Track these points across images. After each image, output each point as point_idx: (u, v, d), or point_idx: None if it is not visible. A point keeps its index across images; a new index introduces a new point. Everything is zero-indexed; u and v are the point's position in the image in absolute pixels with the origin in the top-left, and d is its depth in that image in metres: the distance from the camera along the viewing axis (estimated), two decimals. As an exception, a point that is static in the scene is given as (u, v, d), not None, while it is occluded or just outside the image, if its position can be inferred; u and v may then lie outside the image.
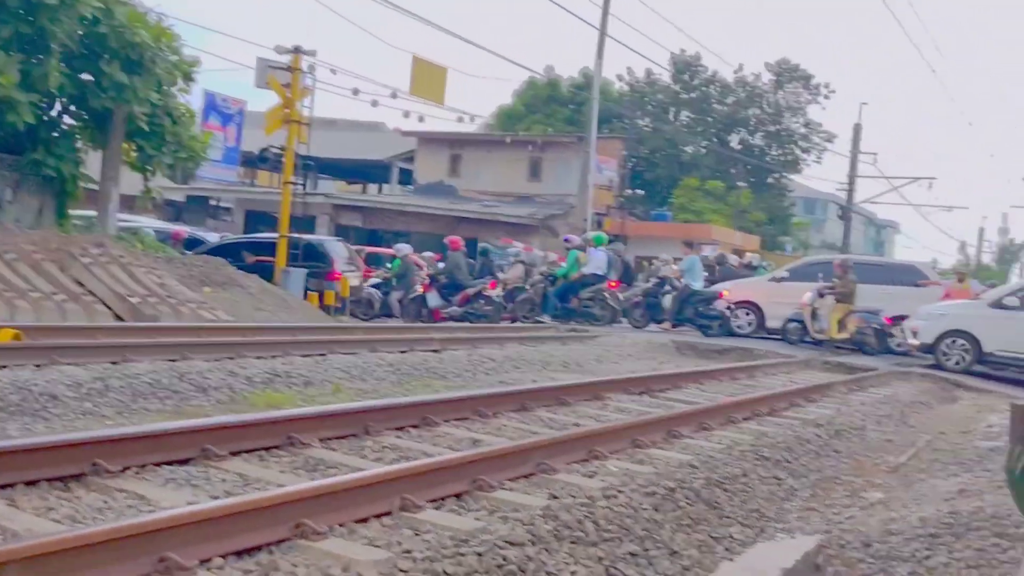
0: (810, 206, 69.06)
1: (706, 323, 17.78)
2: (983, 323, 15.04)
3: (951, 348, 15.11)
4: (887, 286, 17.51)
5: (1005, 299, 15.23)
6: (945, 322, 15.28)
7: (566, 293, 18.09)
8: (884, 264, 19.09)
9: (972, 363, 14.95)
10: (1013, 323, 14.70)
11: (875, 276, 17.98)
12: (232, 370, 8.10)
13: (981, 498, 5.33)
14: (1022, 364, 15.07)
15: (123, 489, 4.37)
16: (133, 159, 16.76)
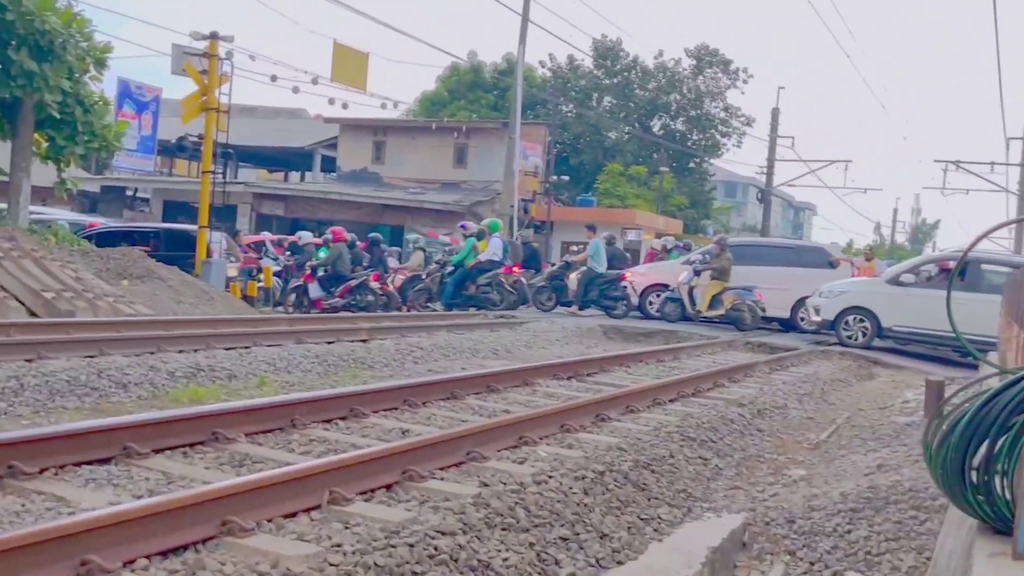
0: (731, 190, 70.36)
1: (611, 304, 18.15)
2: (881, 300, 15.61)
3: (852, 324, 15.66)
4: (796, 268, 17.97)
5: (902, 276, 15.82)
6: (845, 299, 15.80)
7: (463, 280, 18.11)
8: (794, 246, 19.59)
9: (872, 338, 15.57)
10: (909, 299, 15.28)
11: (785, 258, 18.44)
12: (153, 365, 7.93)
13: (899, 472, 5.50)
14: (919, 338, 15.67)
15: (41, 491, 4.24)
16: (44, 150, 16.23)
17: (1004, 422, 2.80)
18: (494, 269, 18.04)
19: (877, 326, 15.56)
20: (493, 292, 17.89)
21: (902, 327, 15.50)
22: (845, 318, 15.71)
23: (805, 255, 18.63)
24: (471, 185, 33.85)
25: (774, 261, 18.11)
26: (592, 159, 43.82)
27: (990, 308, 13.86)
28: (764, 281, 17.56)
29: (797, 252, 18.86)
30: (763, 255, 18.64)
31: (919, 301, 15.17)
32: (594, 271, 18.17)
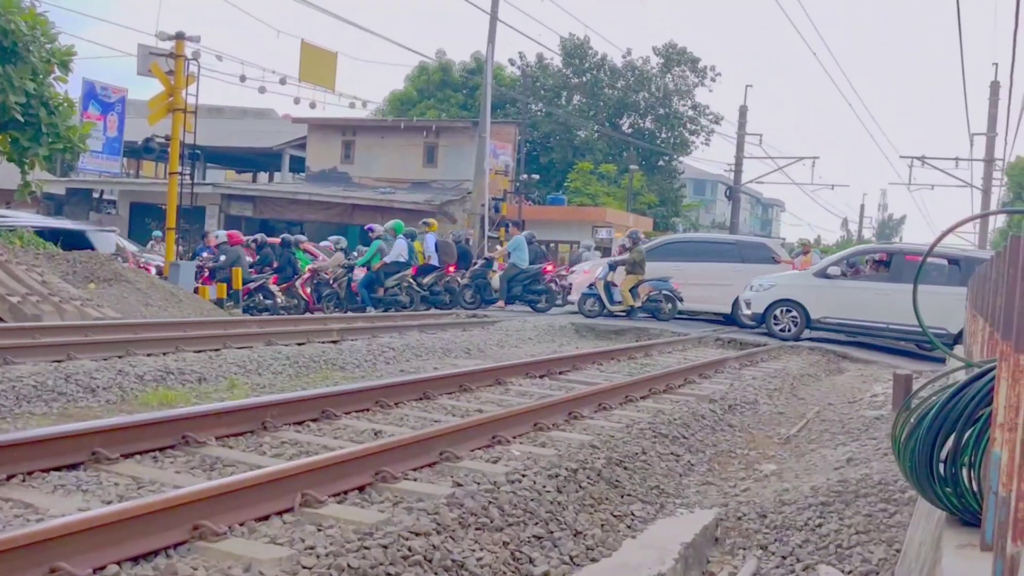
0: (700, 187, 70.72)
1: (534, 298, 18.38)
2: (809, 292, 15.98)
3: (781, 316, 16.08)
4: (738, 263, 18.16)
5: (828, 269, 16.22)
6: (774, 293, 16.20)
7: (372, 283, 18.10)
8: (735, 242, 19.74)
9: (801, 330, 15.97)
10: (835, 291, 15.77)
11: (727, 254, 18.62)
12: (122, 369, 7.85)
13: (868, 466, 5.56)
14: (846, 329, 16.14)
15: (8, 498, 4.19)
16: (8, 151, 16.00)
17: (971, 415, 2.84)
18: (401, 271, 17.99)
19: (806, 318, 15.94)
20: (402, 294, 17.88)
21: (830, 318, 15.90)
22: (775, 311, 16.10)
23: (747, 251, 18.84)
24: (441, 184, 33.79)
25: (716, 257, 18.34)
26: (562, 158, 43.89)
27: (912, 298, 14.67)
28: (706, 277, 17.88)
29: (739, 248, 19.06)
30: (705, 251, 18.83)
31: (846, 292, 15.78)
32: (516, 267, 18.31)
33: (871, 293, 15.60)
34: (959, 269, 15.36)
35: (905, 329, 15.34)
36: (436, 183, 34.04)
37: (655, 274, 17.73)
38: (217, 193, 32.49)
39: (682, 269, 18.03)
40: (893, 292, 15.18)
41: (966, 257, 15.94)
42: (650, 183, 44.51)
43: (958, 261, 15.68)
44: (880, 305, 15.35)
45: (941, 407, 2.90)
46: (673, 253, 18.55)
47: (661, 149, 45.63)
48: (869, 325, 15.70)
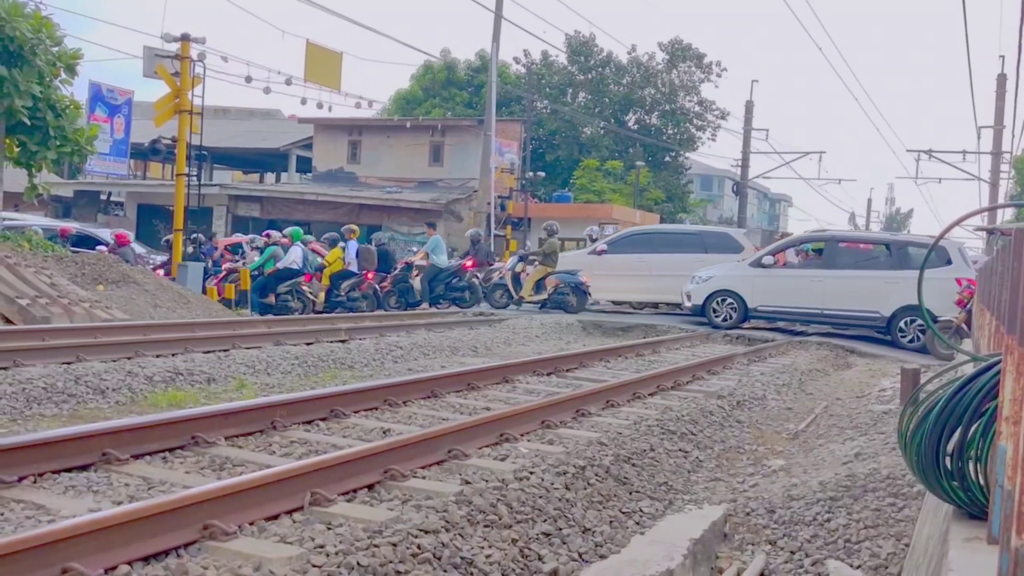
0: (707, 183, 70.65)
1: (458, 295, 18.49)
2: (745, 282, 16.39)
3: (720, 306, 16.44)
4: (702, 254, 18.26)
5: (763, 259, 16.62)
6: (712, 284, 16.59)
7: (264, 288, 17.98)
8: (699, 232, 19.81)
9: (740, 319, 16.37)
10: (771, 280, 16.25)
11: (691, 245, 18.73)
12: (131, 370, 7.88)
13: (876, 460, 5.55)
14: (782, 316, 16.63)
15: (20, 500, 4.22)
16: (16, 155, 16.07)
17: (977, 408, 2.84)
18: (293, 277, 17.78)
19: (744, 307, 16.31)
20: (293, 300, 17.70)
21: (766, 307, 16.33)
22: (713, 301, 16.46)
23: (711, 240, 18.93)
24: (447, 183, 33.80)
25: (680, 248, 18.49)
26: (568, 155, 43.86)
27: (846, 284, 15.76)
28: (671, 268, 17.98)
29: (703, 238, 19.17)
30: (670, 242, 18.93)
31: (780, 281, 16.26)
32: (437, 267, 18.36)
33: (805, 280, 16.06)
34: (891, 254, 15.94)
35: (839, 314, 15.87)
36: (442, 182, 34.06)
37: (621, 268, 17.97)
38: (224, 194, 32.58)
39: (646, 261, 18.21)
40: (826, 278, 15.82)
41: (896, 241, 16.52)
42: (657, 179, 44.46)
43: (890, 246, 16.26)
44: (814, 291, 15.84)
45: (947, 401, 2.91)
46: (637, 245, 18.70)
47: (667, 145, 45.57)
48: (804, 311, 16.15)
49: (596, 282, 18.20)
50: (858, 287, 15.63)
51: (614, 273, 18.16)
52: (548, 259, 17.61)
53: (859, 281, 15.72)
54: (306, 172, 38.68)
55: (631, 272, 18.19)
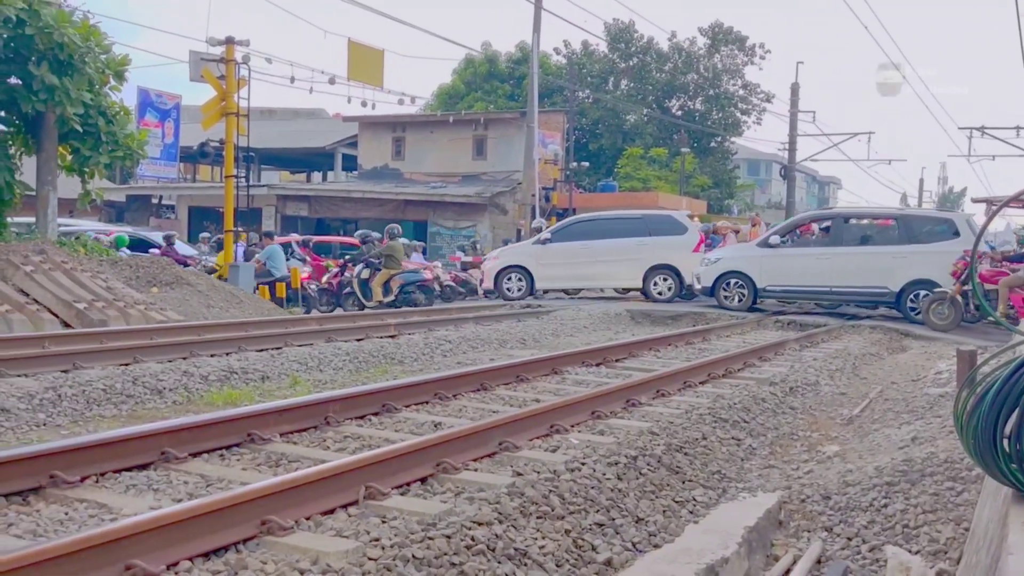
0: (754, 167, 69.83)
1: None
2: (754, 262, 16.49)
3: (730, 288, 16.54)
4: (646, 237, 18.24)
5: (770, 239, 16.69)
6: (721, 266, 16.71)
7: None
8: (642, 216, 19.68)
9: (750, 300, 16.44)
10: (778, 259, 16.28)
11: (634, 229, 18.60)
12: (187, 370, 8.02)
13: (934, 444, 5.47)
14: (791, 295, 16.70)
15: (83, 499, 4.32)
16: (69, 162, 16.42)
17: (1035, 389, 2.79)
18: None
19: (753, 288, 16.39)
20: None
21: (775, 286, 16.37)
22: (723, 283, 16.55)
23: (654, 224, 18.83)
24: (491, 176, 33.85)
25: (624, 233, 18.45)
26: (611, 143, 43.65)
27: (854, 260, 15.80)
28: (614, 254, 18.05)
29: (646, 222, 19.03)
30: (612, 229, 18.82)
31: (788, 261, 16.28)
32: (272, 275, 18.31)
33: (813, 258, 16.09)
34: (898, 229, 15.95)
35: (848, 291, 15.95)
36: (486, 175, 34.12)
37: (565, 256, 18.07)
38: (272, 194, 32.98)
39: (590, 248, 18.19)
40: (834, 256, 15.85)
41: (905, 217, 16.47)
42: (702, 165, 44.08)
43: (897, 220, 16.28)
44: (822, 269, 15.89)
45: (1004, 382, 2.86)
46: (579, 233, 18.65)
47: (712, 130, 45.15)
48: (813, 289, 16.23)
49: (543, 271, 18.31)
50: (866, 263, 15.69)
51: (559, 262, 18.22)
52: (391, 261, 17.88)
53: (867, 257, 15.78)
54: (352, 170, 39.00)
55: (575, 260, 18.18)
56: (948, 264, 14.62)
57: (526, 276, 18.38)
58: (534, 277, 18.37)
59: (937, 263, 14.97)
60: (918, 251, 15.39)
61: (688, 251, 18.04)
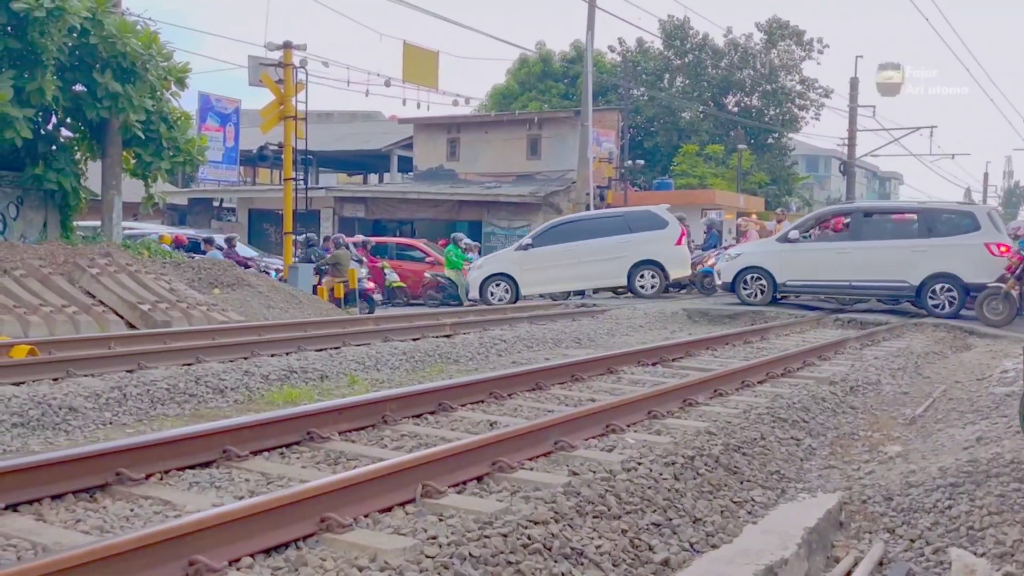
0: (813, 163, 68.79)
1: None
2: (773, 257, 16.58)
3: (750, 283, 16.61)
4: (628, 235, 18.13)
5: (789, 234, 16.77)
6: (741, 261, 16.91)
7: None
8: (623, 214, 19.56)
9: (770, 295, 16.51)
10: (797, 255, 16.39)
11: (616, 227, 18.53)
12: (247, 370, 8.15)
13: (999, 444, 5.34)
14: (810, 290, 16.84)
15: (148, 496, 4.42)
16: (132, 166, 16.81)
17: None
18: None
19: (773, 283, 16.46)
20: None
21: (795, 281, 16.43)
22: (743, 278, 16.63)
23: (635, 220, 18.71)
24: (546, 176, 33.82)
25: (605, 232, 18.39)
26: (667, 141, 43.32)
27: (874, 255, 15.75)
28: (598, 253, 17.95)
29: (626, 219, 18.93)
30: (594, 228, 18.74)
31: (808, 255, 16.33)
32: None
33: (832, 253, 16.08)
34: (918, 223, 15.86)
35: (867, 285, 15.98)
36: (540, 175, 34.09)
37: (549, 260, 18.02)
38: (330, 196, 33.32)
39: (572, 249, 18.07)
40: (853, 250, 15.80)
41: (925, 210, 16.38)
42: (760, 162, 43.52)
43: (917, 214, 16.20)
44: (842, 264, 15.85)
45: (1073, 381, 2.79)
46: (562, 236, 18.55)
47: (769, 126, 44.57)
48: (833, 284, 16.24)
49: (527, 277, 18.21)
50: (885, 257, 15.65)
51: (542, 266, 18.12)
52: (336, 269, 18.21)
53: (886, 251, 15.72)
54: (407, 171, 39.27)
55: (559, 263, 18.06)
56: (969, 256, 14.73)
57: (511, 283, 18.35)
58: (519, 283, 18.31)
59: (958, 256, 15.01)
60: (938, 244, 15.34)
61: (671, 244, 18.13)
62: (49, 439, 5.92)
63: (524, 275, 18.24)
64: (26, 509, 4.15)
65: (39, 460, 4.40)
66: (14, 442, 5.78)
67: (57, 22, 13.94)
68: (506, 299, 18.13)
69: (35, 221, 15.90)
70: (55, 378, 7.38)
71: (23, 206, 15.73)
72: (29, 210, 15.81)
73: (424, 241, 26.44)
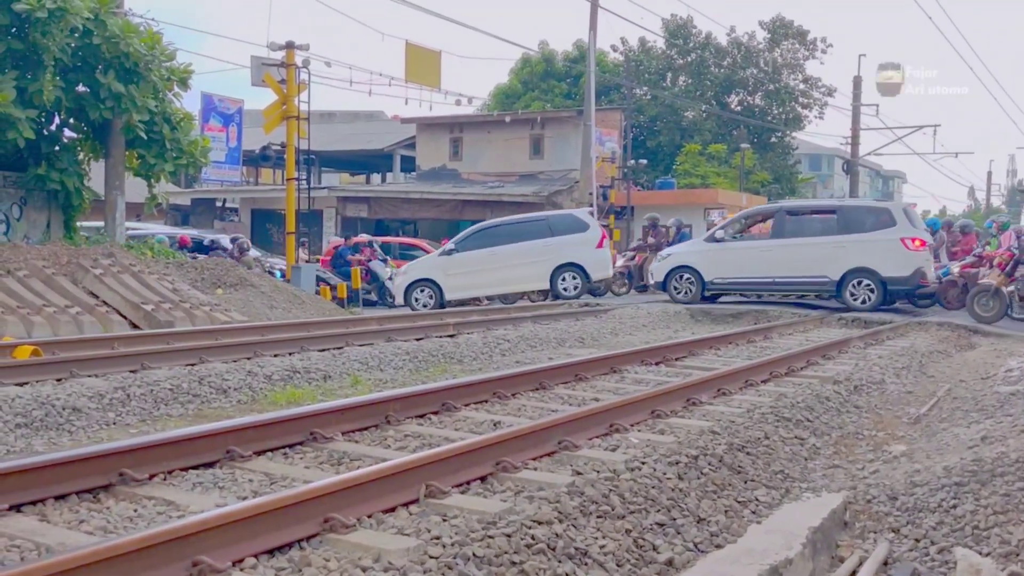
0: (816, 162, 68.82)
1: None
2: (701, 257, 17.22)
3: (680, 282, 17.25)
4: (550, 238, 18.19)
5: (716, 234, 17.61)
6: (671, 261, 17.59)
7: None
8: (544, 218, 19.53)
9: (699, 293, 17.10)
10: (724, 254, 17.06)
11: (538, 231, 18.55)
12: (251, 370, 8.15)
13: (1004, 443, 5.32)
14: (737, 288, 17.37)
15: (151, 496, 4.41)
16: (136, 165, 16.82)
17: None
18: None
19: (702, 281, 17.05)
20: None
21: (722, 279, 17.05)
22: (674, 277, 17.29)
23: (557, 224, 18.74)
24: (549, 175, 33.83)
25: (528, 236, 18.43)
26: (670, 140, 43.31)
27: (795, 252, 16.45)
28: (521, 257, 18.00)
29: (549, 223, 18.91)
30: (516, 232, 18.72)
31: (733, 254, 16.99)
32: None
33: (757, 251, 16.88)
34: (838, 220, 16.49)
35: (790, 281, 16.66)
36: (543, 174, 34.10)
37: (472, 264, 17.94)
38: (333, 196, 33.36)
39: (495, 254, 18.06)
40: (776, 248, 16.54)
41: (844, 207, 17.12)
42: (763, 161, 43.50)
43: (836, 212, 16.88)
44: (766, 261, 16.53)
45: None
46: (484, 240, 18.51)
47: (772, 125, 44.54)
48: (757, 281, 16.88)
49: (451, 282, 18.14)
50: (807, 254, 16.26)
51: (466, 271, 18.06)
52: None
53: (807, 248, 16.32)
54: (410, 171, 39.30)
55: (482, 267, 17.98)
56: (885, 251, 15.49)
57: (435, 288, 18.26)
58: (443, 288, 18.23)
59: (875, 251, 15.68)
60: (856, 240, 15.93)
61: (592, 247, 18.15)
62: (53, 439, 5.92)
63: (448, 280, 18.18)
64: (30, 510, 4.15)
65: (43, 461, 4.40)
66: (18, 443, 5.78)
67: (59, 23, 13.95)
68: (431, 304, 18.05)
69: (38, 222, 15.91)
70: (59, 378, 7.38)
71: (26, 207, 15.74)
72: (32, 211, 15.82)
73: (427, 241, 26.46)
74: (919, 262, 15.66)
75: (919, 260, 15.67)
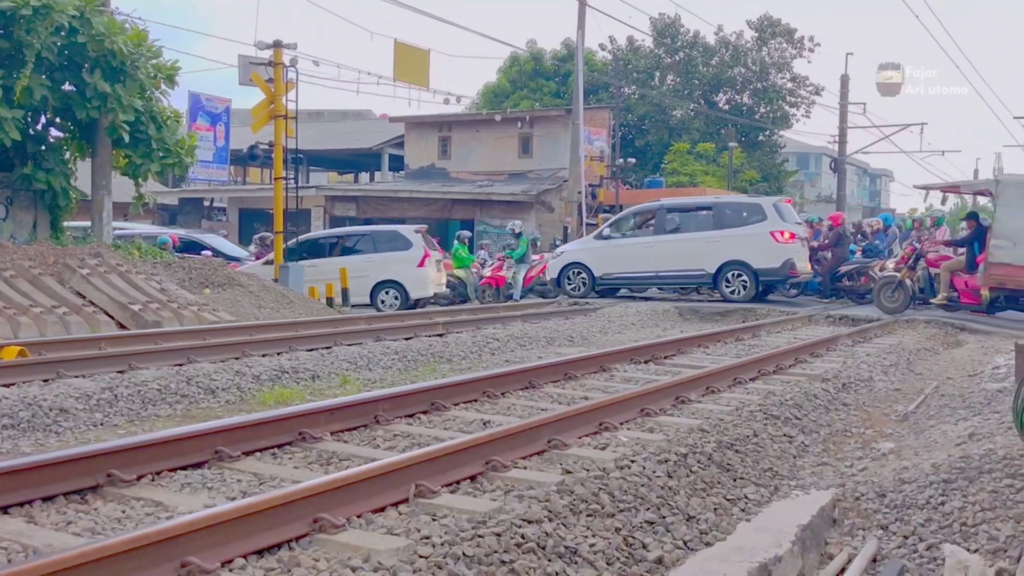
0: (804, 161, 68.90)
1: None
2: (591, 254, 18.21)
3: (573, 278, 18.22)
4: (373, 255, 18.41)
5: (604, 231, 18.57)
6: (564, 258, 18.58)
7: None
8: (369, 233, 19.68)
9: (589, 289, 18.08)
10: (611, 250, 18.01)
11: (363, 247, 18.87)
12: (239, 370, 8.13)
13: (992, 440, 5.35)
14: (623, 282, 18.22)
15: (140, 497, 4.40)
16: (123, 165, 16.72)
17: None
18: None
19: (592, 277, 18.01)
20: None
21: (610, 274, 18.00)
22: (567, 274, 18.29)
23: (381, 240, 18.97)
24: (538, 174, 33.82)
25: (352, 250, 18.82)
26: (658, 139, 43.34)
27: (675, 247, 17.37)
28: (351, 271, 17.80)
29: (374, 239, 19.13)
30: (341, 246, 19.12)
31: (618, 250, 17.88)
32: None
33: (640, 247, 17.77)
34: (713, 216, 17.43)
35: (671, 275, 17.63)
36: (532, 173, 34.09)
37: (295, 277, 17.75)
38: (321, 195, 33.27)
39: (317, 266, 18.12)
40: (657, 244, 17.49)
41: (718, 204, 18.06)
42: (751, 159, 43.57)
43: (712, 208, 17.80)
44: (648, 256, 17.44)
45: (1066, 377, 2.80)
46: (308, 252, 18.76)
47: (760, 124, 44.63)
48: (641, 275, 17.79)
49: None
50: (685, 248, 17.18)
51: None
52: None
53: (686, 243, 17.26)
54: (398, 170, 39.23)
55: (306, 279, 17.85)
56: (757, 245, 16.43)
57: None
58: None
59: (747, 244, 16.62)
60: (730, 235, 16.87)
61: (412, 266, 18.02)
62: (40, 441, 5.89)
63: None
64: (17, 511, 4.13)
65: (29, 462, 4.38)
66: (4, 444, 5.75)
67: (44, 20, 13.84)
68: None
69: (24, 221, 15.81)
70: (45, 379, 7.34)
71: (12, 206, 15.64)
72: (18, 210, 15.72)
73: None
74: (789, 254, 16.52)
75: (789, 252, 16.53)
